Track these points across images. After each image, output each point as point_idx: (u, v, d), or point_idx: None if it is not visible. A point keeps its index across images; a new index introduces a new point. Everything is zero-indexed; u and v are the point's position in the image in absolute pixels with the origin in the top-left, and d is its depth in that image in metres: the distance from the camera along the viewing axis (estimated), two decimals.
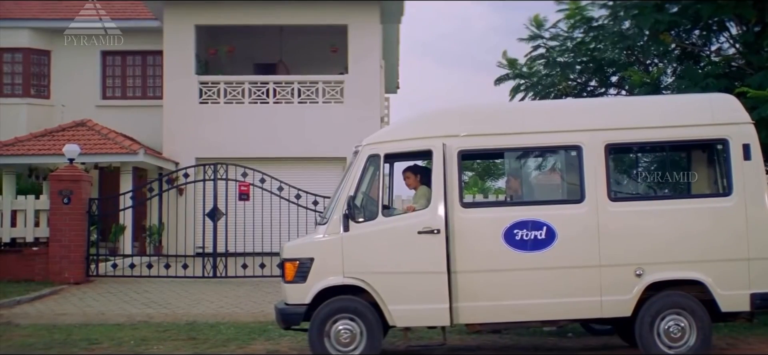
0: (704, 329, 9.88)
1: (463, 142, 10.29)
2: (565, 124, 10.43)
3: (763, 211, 10.04)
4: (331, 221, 10.24)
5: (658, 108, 11.05)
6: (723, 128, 10.19)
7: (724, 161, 10.24)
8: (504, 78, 15.22)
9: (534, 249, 9.93)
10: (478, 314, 10.09)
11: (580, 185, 10.18)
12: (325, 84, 24.82)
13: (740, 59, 13.97)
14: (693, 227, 10.04)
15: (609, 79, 15.06)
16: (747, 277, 9.90)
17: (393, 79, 33.32)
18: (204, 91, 24.69)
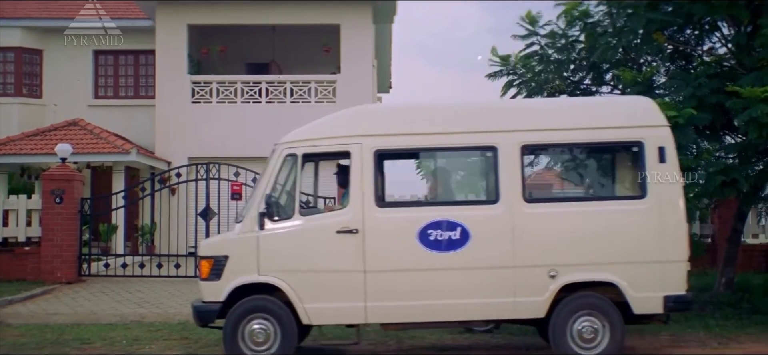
0: (617, 330, 9.92)
1: (380, 141, 10.28)
2: (481, 125, 10.43)
3: (676, 214, 10.09)
4: (247, 219, 10.26)
5: (575, 110, 11.15)
6: (639, 131, 10.22)
7: (639, 164, 10.23)
8: (497, 74, 15.19)
9: (448, 249, 9.94)
10: (391, 313, 10.11)
11: (495, 186, 10.19)
12: (318, 84, 24.81)
13: (732, 59, 14.00)
14: (607, 229, 10.06)
15: (602, 77, 15.06)
16: (660, 279, 9.96)
17: (385, 79, 33.34)
18: (196, 91, 24.67)
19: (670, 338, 12.22)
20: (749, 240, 20.08)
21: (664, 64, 14.66)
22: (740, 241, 16.01)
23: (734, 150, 13.69)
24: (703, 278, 16.11)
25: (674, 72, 13.92)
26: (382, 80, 32.59)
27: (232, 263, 10.11)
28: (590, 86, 15.38)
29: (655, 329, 12.78)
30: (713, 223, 19.35)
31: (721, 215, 18.44)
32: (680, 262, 10.01)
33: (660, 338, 12.17)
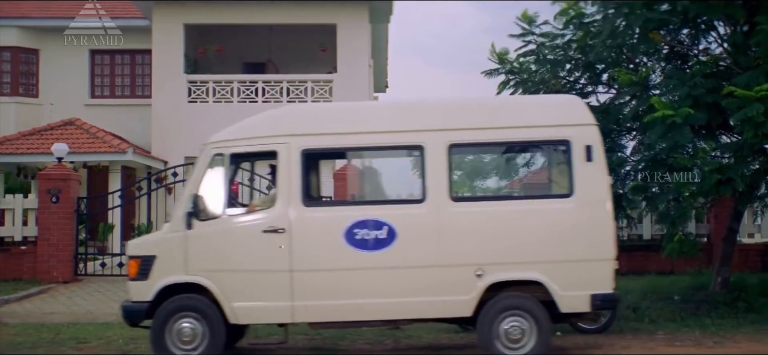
0: (543, 330, 9.92)
1: (306, 141, 10.31)
2: (408, 124, 10.45)
3: (603, 212, 10.09)
4: (175, 218, 10.31)
5: (503, 109, 11.20)
6: (566, 129, 10.21)
7: (566, 162, 10.22)
8: (494, 72, 15.21)
9: (374, 249, 9.96)
10: (318, 312, 10.13)
11: (422, 185, 10.20)
12: (314, 83, 24.81)
13: (728, 59, 14.02)
14: (534, 227, 10.07)
15: (599, 77, 15.08)
16: (587, 278, 9.96)
17: (382, 79, 33.37)
18: (193, 90, 24.67)
19: (665, 337, 12.23)
20: (745, 239, 20.12)
21: (660, 64, 14.68)
22: (736, 240, 16.04)
23: (730, 149, 13.69)
24: (699, 277, 16.16)
25: (670, 72, 13.93)
26: (379, 80, 32.64)
27: (159, 263, 10.14)
28: (586, 86, 15.40)
29: (651, 328, 12.86)
30: (709, 222, 19.39)
31: (717, 215, 18.48)
32: (607, 260, 10.02)
33: (655, 337, 12.19)
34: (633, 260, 19.09)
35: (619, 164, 14.17)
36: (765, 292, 14.69)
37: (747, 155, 13.12)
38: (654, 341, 11.94)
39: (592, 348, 11.43)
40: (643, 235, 19.51)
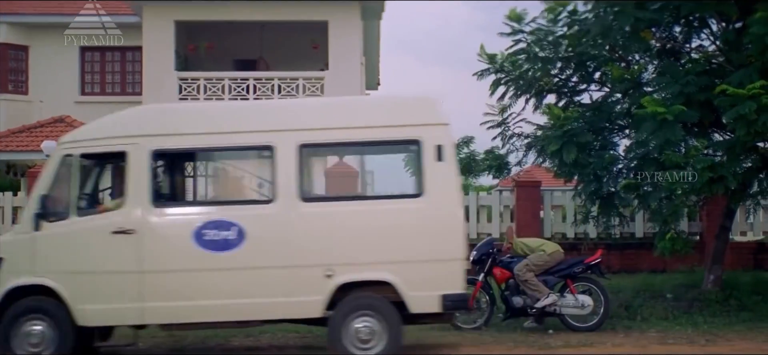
0: (393, 330, 9.93)
1: (156, 142, 10.26)
2: (259, 124, 10.46)
3: (454, 212, 10.14)
4: (24, 220, 10.28)
5: (354, 108, 11.23)
6: (417, 129, 10.20)
7: (417, 162, 10.22)
8: (485, 72, 15.21)
9: (224, 249, 9.95)
10: (169, 314, 10.10)
11: (272, 186, 10.23)
12: (306, 80, 24.79)
13: (720, 56, 14.05)
14: (384, 227, 10.09)
15: (591, 74, 15.09)
16: (437, 278, 9.96)
17: (373, 76, 33.34)
18: (183, 88, 24.62)
19: (657, 335, 12.29)
20: (737, 237, 20.14)
21: (652, 62, 14.70)
22: (728, 238, 16.03)
23: (722, 147, 13.72)
24: (691, 275, 16.18)
25: (663, 69, 13.95)
26: (371, 77, 32.61)
27: (7, 265, 10.08)
28: (578, 84, 15.42)
29: (643, 326, 12.91)
30: (701, 220, 19.40)
31: (709, 213, 18.49)
32: (457, 260, 10.04)
33: (648, 336, 12.24)
34: (625, 258, 19.13)
35: (611, 162, 14.20)
36: (757, 290, 14.72)
37: (739, 153, 13.17)
38: (646, 339, 11.98)
39: (583, 346, 11.47)
40: (635, 233, 19.52)
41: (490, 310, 13.07)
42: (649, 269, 18.25)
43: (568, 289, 12.75)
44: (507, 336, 12.21)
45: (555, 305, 12.56)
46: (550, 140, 13.98)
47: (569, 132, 13.70)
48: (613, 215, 15.23)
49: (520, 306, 12.78)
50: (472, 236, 19.53)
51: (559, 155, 13.89)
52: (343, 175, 17.40)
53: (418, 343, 11.65)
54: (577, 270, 12.90)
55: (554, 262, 12.88)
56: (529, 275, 12.62)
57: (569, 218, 19.46)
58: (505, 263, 13.09)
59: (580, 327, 12.57)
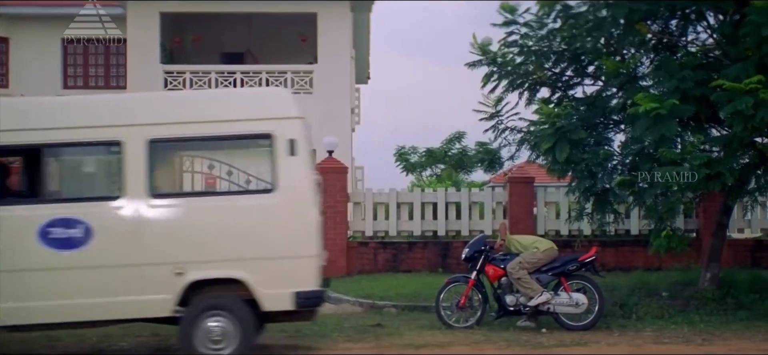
0: (246, 330, 9.85)
1: (2, 137, 10.09)
2: (107, 119, 10.32)
3: (307, 208, 10.11)
4: None
5: (207, 102, 11.15)
6: (269, 123, 10.15)
7: (269, 157, 10.17)
8: (477, 64, 15.17)
9: (70, 248, 9.81)
10: (16, 315, 9.93)
11: (120, 182, 10.13)
12: (294, 74, 24.73)
13: (717, 50, 14.03)
14: (236, 224, 10.01)
15: (585, 68, 15.07)
16: (290, 275, 9.93)
17: (363, 70, 33.30)
18: (169, 81, 24.54)
19: (653, 333, 12.29)
20: (735, 235, 20.19)
21: (648, 55, 14.68)
22: (725, 235, 16.06)
23: (719, 143, 13.72)
24: (687, 273, 16.18)
25: (658, 63, 13.94)
26: (361, 71, 32.56)
27: None
28: (572, 78, 15.40)
29: (638, 325, 12.91)
30: (698, 217, 19.44)
31: (706, 209, 18.53)
32: (310, 257, 10.04)
33: (643, 334, 12.24)
34: (620, 255, 19.16)
35: (606, 158, 14.15)
36: (755, 288, 14.69)
37: (736, 149, 13.16)
38: (641, 338, 11.99)
39: (577, 345, 11.46)
40: (631, 230, 19.55)
41: (483, 308, 13.05)
42: (644, 267, 18.27)
43: (562, 287, 12.73)
44: (499, 335, 12.18)
45: (548, 303, 12.55)
46: (543, 137, 13.98)
47: (562, 129, 13.68)
48: (607, 211, 15.24)
49: (513, 305, 12.76)
50: (464, 234, 19.58)
51: (552, 153, 13.88)
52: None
53: (410, 343, 11.63)
54: (571, 268, 12.88)
55: (548, 259, 12.87)
56: (521, 273, 12.61)
57: (563, 214, 19.47)
58: (497, 260, 13.07)
59: (574, 326, 12.55)
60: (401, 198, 20.35)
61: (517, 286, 12.65)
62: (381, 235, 20.16)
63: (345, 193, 19.64)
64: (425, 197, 20.56)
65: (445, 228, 20.07)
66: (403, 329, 12.62)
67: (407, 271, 19.21)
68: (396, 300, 15.35)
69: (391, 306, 14.97)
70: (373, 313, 14.60)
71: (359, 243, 19.83)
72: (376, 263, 19.54)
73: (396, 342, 11.76)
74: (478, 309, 13.04)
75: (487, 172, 17.46)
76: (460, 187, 26.08)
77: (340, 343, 11.73)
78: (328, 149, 19.98)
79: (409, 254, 19.67)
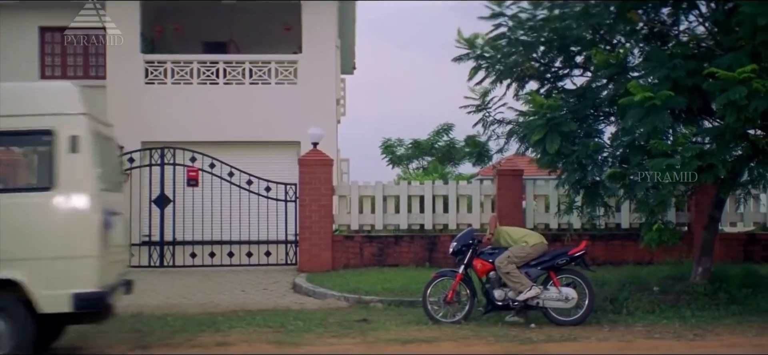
0: (22, 331, 9.59)
1: None
2: None
3: (86, 207, 9.84)
4: None
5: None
6: (51, 119, 9.90)
7: (49, 153, 9.90)
8: (464, 58, 15.17)
9: None
10: None
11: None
12: (278, 64, 24.69)
13: (710, 39, 14.05)
14: (11, 223, 9.71)
15: (574, 59, 15.08)
16: (69, 276, 9.70)
17: (349, 60, 33.23)
18: (150, 71, 24.46)
19: (644, 329, 12.33)
20: (727, 228, 20.28)
21: (638, 45, 14.69)
22: (718, 229, 16.10)
23: (711, 134, 13.72)
24: (678, 267, 16.22)
25: (649, 53, 13.95)
26: (346, 61, 32.47)
27: None
28: (561, 69, 15.42)
29: (629, 320, 12.95)
30: (689, 211, 19.50)
31: (697, 203, 18.58)
32: (90, 257, 9.78)
33: (633, 330, 12.28)
34: (610, 249, 19.22)
35: (596, 150, 14.15)
36: (747, 283, 14.75)
37: (729, 141, 13.15)
38: (632, 334, 12.03)
39: (567, 341, 11.50)
40: (621, 224, 19.60)
41: (471, 303, 13.08)
42: (635, 261, 18.32)
43: (552, 281, 12.78)
44: (488, 330, 12.21)
45: (538, 298, 12.60)
46: (533, 129, 13.98)
47: (552, 120, 13.69)
48: (597, 205, 15.26)
49: (502, 299, 12.79)
50: (451, 227, 19.60)
51: (542, 145, 13.89)
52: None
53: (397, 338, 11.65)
54: (560, 262, 12.92)
55: (537, 254, 12.90)
56: (510, 267, 12.64)
57: (552, 208, 19.52)
58: (485, 254, 13.10)
59: (563, 321, 12.60)
60: (387, 191, 20.34)
61: (506, 280, 12.68)
62: (367, 229, 20.16)
63: (330, 186, 19.59)
64: (412, 190, 20.55)
65: (432, 222, 20.08)
66: (390, 324, 12.62)
67: (394, 265, 19.22)
68: (382, 295, 15.35)
69: (377, 301, 14.97)
70: (359, 308, 14.60)
71: (345, 237, 19.83)
72: (361, 257, 19.54)
73: (382, 337, 11.76)
74: (466, 304, 13.07)
75: (475, 165, 17.43)
76: (447, 180, 26.05)
77: (325, 338, 11.73)
78: (313, 141, 19.91)
79: (395, 248, 19.67)
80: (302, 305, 14.96)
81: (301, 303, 15.15)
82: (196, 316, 13.57)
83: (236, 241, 19.74)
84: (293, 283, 17.16)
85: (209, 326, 12.54)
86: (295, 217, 19.46)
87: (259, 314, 13.56)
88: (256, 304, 14.82)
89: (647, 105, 12.23)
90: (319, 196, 19.21)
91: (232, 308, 14.38)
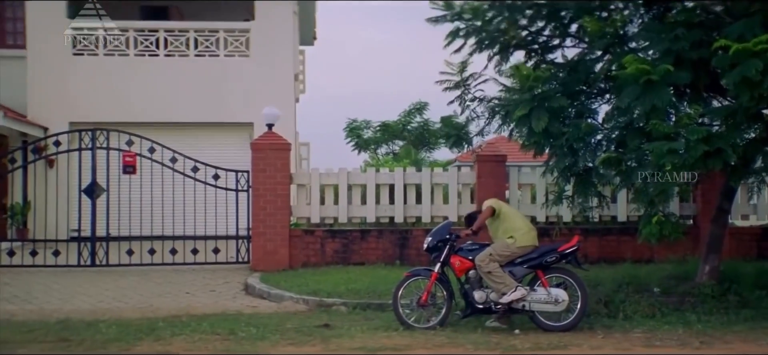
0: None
1: None
2: None
3: None
4: None
5: None
6: None
7: None
8: (440, 19, 15.13)
9: None
10: None
11: None
12: (228, 33, 24.64)
13: (718, 4, 14.02)
14: None
15: (566, 27, 15.09)
16: None
17: (309, 29, 33.19)
18: (78, 41, 24.32)
19: (643, 335, 12.39)
20: (738, 222, 20.43)
21: (638, 12, 14.71)
22: (727, 222, 16.18)
23: (720, 115, 13.66)
24: (682, 265, 16.35)
25: (647, 24, 13.99)
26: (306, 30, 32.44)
27: None
28: (551, 39, 15.43)
29: (626, 325, 13.02)
30: (695, 201, 19.64)
31: (704, 193, 18.73)
32: None
33: (631, 336, 12.34)
34: (605, 245, 19.35)
35: (588, 132, 14.05)
36: (761, 283, 14.85)
37: (740, 122, 13.10)
38: (629, 341, 12.08)
39: (556, 348, 11.51)
40: (617, 216, 19.73)
41: (448, 306, 13.10)
42: (633, 259, 18.46)
43: (540, 281, 12.82)
44: (466, 337, 12.23)
45: (523, 300, 12.64)
46: (517, 105, 13.93)
47: (540, 96, 13.68)
48: (590, 194, 15.28)
49: (483, 302, 12.84)
50: (425, 220, 19.65)
51: (528, 123, 13.80)
52: None
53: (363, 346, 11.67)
54: (549, 260, 12.94)
55: (523, 252, 12.92)
56: (492, 266, 12.68)
57: (540, 198, 19.58)
58: (465, 251, 13.12)
59: (552, 326, 12.65)
60: (353, 179, 20.37)
61: (487, 280, 12.72)
62: (329, 222, 20.18)
63: (287, 173, 19.57)
64: (381, 178, 20.59)
65: (403, 214, 20.14)
66: (355, 330, 12.63)
67: (360, 263, 19.27)
68: (346, 297, 15.37)
69: (341, 304, 14.99)
70: (320, 312, 14.61)
71: (304, 231, 19.83)
72: (323, 255, 19.56)
73: (346, 345, 11.77)
74: (443, 307, 13.09)
75: (452, 150, 17.38)
76: (421, 166, 26.14)
77: (281, 346, 11.73)
78: (268, 122, 19.86)
79: (361, 244, 19.71)
80: (255, 308, 14.95)
81: (254, 307, 15.14)
82: (133, 322, 13.50)
83: (180, 236, 19.71)
84: (245, 283, 17.17)
85: (148, 334, 12.50)
86: (248, 209, 19.43)
87: (205, 320, 13.52)
88: (202, 308, 14.81)
89: (643, 80, 12.20)
90: (274, 185, 19.18)
91: (175, 312, 14.35)
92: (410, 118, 39.76)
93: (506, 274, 12.68)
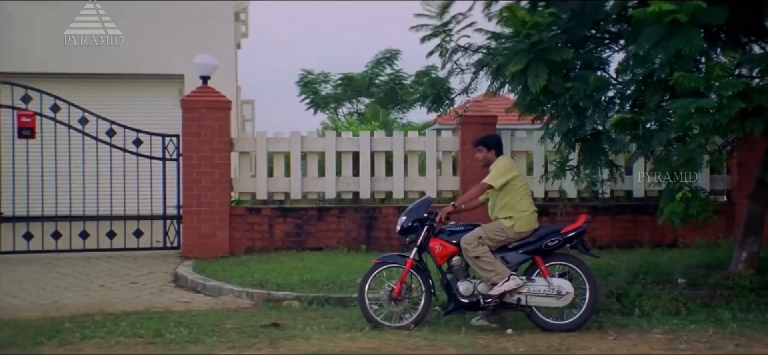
0: None
1: None
2: None
3: None
4: None
5: None
6: None
7: None
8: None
9: None
10: None
11: None
12: None
13: None
14: None
15: None
16: None
17: None
18: None
19: (664, 336, 12.40)
20: None
21: None
22: None
23: (762, 64, 13.63)
24: (714, 251, 16.44)
25: None
26: None
27: None
28: None
29: (643, 323, 13.07)
30: (730, 173, 19.75)
31: (741, 162, 18.84)
32: None
33: (650, 337, 12.38)
34: (619, 226, 19.45)
35: (598, 88, 13.85)
36: None
37: None
38: (647, 342, 12.13)
39: (557, 352, 11.54)
40: (633, 191, 19.84)
41: (426, 301, 13.08)
42: (652, 243, 18.60)
43: (539, 270, 12.83)
44: (447, 338, 12.24)
45: (518, 292, 12.64)
46: (511, 57, 13.79)
47: (538, 45, 13.54)
48: (600, 164, 15.21)
49: (469, 295, 12.84)
50: (397, 196, 19.69)
51: (523, 79, 13.62)
52: None
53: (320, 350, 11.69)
54: (550, 244, 12.90)
55: (519, 237, 12.91)
56: (480, 250, 12.63)
57: (538, 169, 19.64)
58: (447, 233, 13.10)
59: (554, 325, 12.68)
60: (308, 145, 20.36)
61: (475, 268, 12.70)
62: (279, 198, 20.22)
63: (227, 138, 19.53)
64: (342, 144, 20.61)
65: (370, 188, 20.19)
66: (311, 330, 12.63)
67: (317, 248, 19.36)
68: (300, 290, 15.42)
69: (294, 298, 15.02)
70: (268, 308, 14.64)
71: (248, 209, 19.84)
72: (272, 238, 19.59)
73: (300, 348, 11.76)
74: (419, 302, 13.08)
75: (431, 111, 17.33)
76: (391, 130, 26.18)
77: (219, 350, 11.72)
78: (202, 75, 19.76)
79: (319, 225, 19.75)
80: (187, 304, 14.96)
81: (185, 302, 15.16)
82: (32, 322, 13.44)
83: (93, 216, 19.63)
84: (175, 274, 17.21)
85: (51, 337, 12.42)
86: (178, 182, 19.39)
87: (124, 319, 13.48)
88: (121, 304, 14.79)
89: (667, 21, 11.90)
90: (211, 152, 19.15)
91: (86, 310, 14.30)
92: (379, 69, 39.50)
93: (498, 261, 12.64)
